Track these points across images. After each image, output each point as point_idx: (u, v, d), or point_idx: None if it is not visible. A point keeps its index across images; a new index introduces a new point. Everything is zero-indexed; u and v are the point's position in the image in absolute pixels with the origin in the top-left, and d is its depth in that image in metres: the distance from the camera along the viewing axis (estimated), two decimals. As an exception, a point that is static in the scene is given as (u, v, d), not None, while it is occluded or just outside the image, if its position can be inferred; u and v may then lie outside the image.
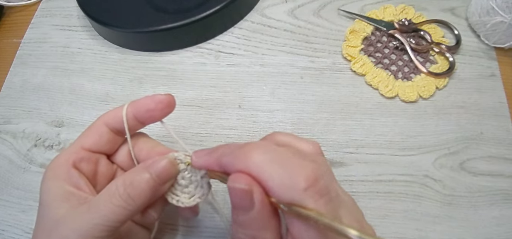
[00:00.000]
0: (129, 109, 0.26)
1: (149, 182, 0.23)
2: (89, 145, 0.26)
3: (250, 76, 0.41)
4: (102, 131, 0.27)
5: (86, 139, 0.26)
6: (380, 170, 0.35)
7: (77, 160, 0.26)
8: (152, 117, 0.26)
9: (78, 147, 0.26)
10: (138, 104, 0.26)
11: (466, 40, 0.41)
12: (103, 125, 0.27)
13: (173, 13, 0.42)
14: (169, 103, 0.26)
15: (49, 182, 0.25)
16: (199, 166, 0.24)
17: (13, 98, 0.43)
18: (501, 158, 0.35)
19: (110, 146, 0.28)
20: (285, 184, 0.19)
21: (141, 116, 0.26)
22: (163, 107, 0.26)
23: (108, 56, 0.44)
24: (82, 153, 0.26)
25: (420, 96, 0.38)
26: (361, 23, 0.42)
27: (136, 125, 0.27)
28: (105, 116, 0.27)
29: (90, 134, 0.27)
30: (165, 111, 0.26)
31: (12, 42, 0.47)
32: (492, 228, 0.32)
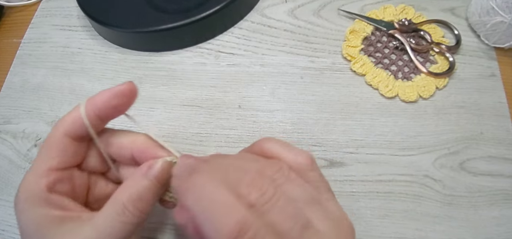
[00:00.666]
0: (89, 108, 0.24)
1: (152, 189, 0.23)
2: (56, 164, 0.24)
3: (250, 76, 0.41)
4: (65, 144, 0.24)
5: (51, 160, 0.24)
6: (380, 170, 0.35)
7: (50, 184, 0.23)
8: (117, 112, 0.24)
9: (45, 170, 0.23)
10: (98, 101, 0.24)
11: (466, 40, 0.41)
12: (63, 136, 0.24)
13: (173, 13, 0.42)
14: (131, 92, 0.24)
15: (29, 213, 0.22)
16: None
17: (13, 98, 0.43)
18: (501, 158, 0.35)
19: (78, 157, 0.25)
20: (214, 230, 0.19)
21: (103, 113, 0.24)
22: (127, 100, 0.24)
23: (108, 56, 0.44)
24: (52, 174, 0.23)
25: (420, 96, 0.38)
26: (361, 23, 0.42)
27: (99, 124, 0.24)
28: (62, 125, 0.24)
29: (53, 151, 0.24)
30: (130, 102, 0.24)
31: (12, 42, 0.47)
32: (492, 228, 0.32)
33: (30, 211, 0.22)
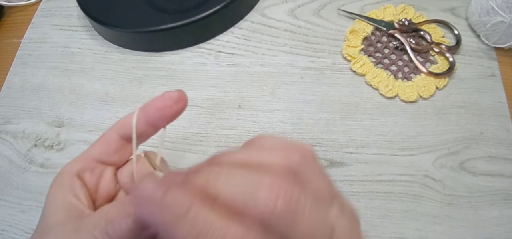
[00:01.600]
0: (140, 113, 0.24)
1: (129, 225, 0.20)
2: (97, 153, 0.25)
3: (250, 76, 0.41)
4: (111, 139, 0.25)
5: (95, 147, 0.25)
6: (380, 170, 0.35)
7: (81, 170, 0.25)
8: (163, 117, 0.24)
9: (86, 156, 0.25)
10: (148, 105, 0.24)
11: (466, 40, 0.41)
12: (113, 132, 0.25)
13: (173, 13, 0.42)
14: (179, 99, 0.24)
15: (53, 189, 0.24)
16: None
17: (13, 98, 0.43)
18: (501, 158, 0.35)
19: (119, 156, 0.26)
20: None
21: (150, 117, 0.24)
22: (172, 105, 0.24)
23: (108, 56, 0.44)
24: (88, 162, 0.25)
25: (420, 96, 0.38)
26: (361, 23, 0.42)
27: (148, 130, 0.24)
28: (117, 123, 0.25)
29: (100, 142, 0.25)
30: (175, 108, 0.24)
31: (12, 42, 0.47)
32: (492, 228, 0.32)
33: (53, 189, 0.24)
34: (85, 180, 0.25)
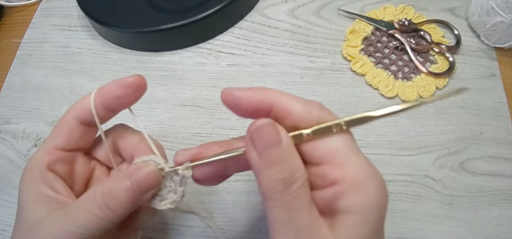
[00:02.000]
0: (97, 98, 0.24)
1: (129, 192, 0.22)
2: (61, 143, 0.25)
3: (250, 76, 0.41)
4: (72, 126, 0.25)
5: (57, 138, 0.25)
6: (380, 170, 0.35)
7: (51, 162, 0.24)
8: (122, 104, 0.24)
9: (50, 147, 0.24)
10: (105, 91, 0.24)
11: (466, 40, 0.41)
12: (72, 119, 0.25)
13: (173, 13, 0.42)
14: (138, 86, 0.24)
15: (26, 184, 0.24)
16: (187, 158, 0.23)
17: (13, 98, 0.43)
18: (501, 158, 0.35)
19: (84, 141, 0.26)
20: (305, 110, 0.21)
21: (109, 104, 0.24)
22: (132, 92, 0.24)
23: (108, 56, 0.44)
24: (56, 153, 0.24)
25: (420, 96, 0.38)
26: (361, 23, 0.42)
27: (107, 114, 0.25)
28: (73, 109, 0.25)
29: (60, 131, 0.25)
30: (135, 95, 0.24)
31: (12, 42, 0.47)
32: (492, 228, 0.32)
33: (28, 183, 0.24)
34: (57, 172, 0.25)
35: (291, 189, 0.19)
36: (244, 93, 0.21)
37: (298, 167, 0.20)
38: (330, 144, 0.20)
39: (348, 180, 0.19)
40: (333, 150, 0.20)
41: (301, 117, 0.21)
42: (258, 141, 0.20)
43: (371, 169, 0.20)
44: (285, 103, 0.21)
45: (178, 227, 0.34)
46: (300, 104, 0.21)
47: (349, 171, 0.20)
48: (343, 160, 0.20)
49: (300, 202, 0.19)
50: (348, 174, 0.19)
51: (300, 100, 0.21)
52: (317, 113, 0.21)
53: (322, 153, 0.20)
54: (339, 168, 0.20)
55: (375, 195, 0.19)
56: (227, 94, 0.22)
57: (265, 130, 0.20)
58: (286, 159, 0.20)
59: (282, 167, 0.19)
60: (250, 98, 0.21)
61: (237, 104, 0.22)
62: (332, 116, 0.21)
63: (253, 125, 0.20)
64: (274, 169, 0.19)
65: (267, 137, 0.20)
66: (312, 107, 0.21)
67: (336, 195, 0.19)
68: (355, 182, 0.19)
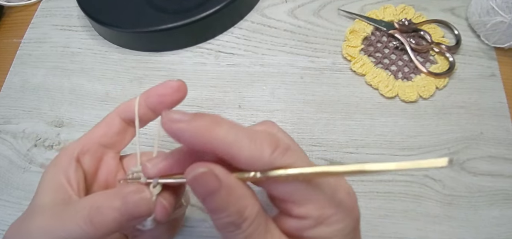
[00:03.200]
0: (142, 98, 0.25)
1: (115, 214, 0.20)
2: (98, 134, 0.26)
3: (250, 76, 0.41)
4: (113, 121, 0.26)
5: (97, 129, 0.26)
6: (380, 170, 0.35)
7: (81, 152, 0.25)
8: (163, 103, 0.25)
9: (87, 137, 0.25)
10: (150, 91, 0.25)
11: (466, 40, 0.41)
12: (115, 115, 0.26)
13: (173, 13, 0.42)
14: (178, 88, 0.24)
15: (50, 168, 0.24)
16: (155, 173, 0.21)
17: (13, 98, 0.43)
18: (501, 158, 0.35)
19: (120, 138, 0.26)
20: (254, 155, 0.19)
21: (151, 102, 0.25)
22: (173, 92, 0.24)
23: (108, 56, 0.44)
24: (89, 144, 0.25)
25: (420, 96, 0.38)
26: (361, 23, 0.42)
27: (148, 114, 0.25)
28: (119, 107, 0.26)
29: (101, 124, 0.26)
30: (175, 96, 0.24)
31: (12, 42, 0.47)
32: (492, 228, 0.32)
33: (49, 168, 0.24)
34: (83, 163, 0.25)
35: (242, 228, 0.19)
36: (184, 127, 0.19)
37: (245, 205, 0.19)
38: (287, 186, 0.19)
39: (312, 216, 0.19)
40: (293, 190, 0.19)
41: (250, 163, 0.19)
42: (197, 190, 0.19)
43: (338, 199, 0.20)
44: (229, 150, 0.19)
45: (178, 227, 0.34)
46: (247, 149, 0.18)
47: (313, 208, 0.19)
48: (306, 197, 0.19)
49: (255, 236, 0.19)
50: (312, 211, 0.19)
51: (247, 142, 0.19)
52: (268, 157, 0.19)
53: (281, 194, 0.20)
54: (301, 206, 0.19)
55: (342, 224, 0.20)
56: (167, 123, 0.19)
57: (202, 179, 0.18)
58: (229, 202, 0.19)
59: (227, 212, 0.19)
60: (190, 138, 0.19)
61: (179, 138, 0.19)
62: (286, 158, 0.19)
63: (189, 173, 0.19)
64: (220, 214, 0.19)
65: (205, 185, 0.18)
66: (262, 150, 0.19)
67: (301, 227, 0.20)
68: (319, 216, 0.19)
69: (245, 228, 0.19)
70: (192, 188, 0.19)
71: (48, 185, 0.23)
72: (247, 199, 0.19)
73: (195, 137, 0.19)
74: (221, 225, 0.19)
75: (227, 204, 0.19)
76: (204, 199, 0.19)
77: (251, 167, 0.19)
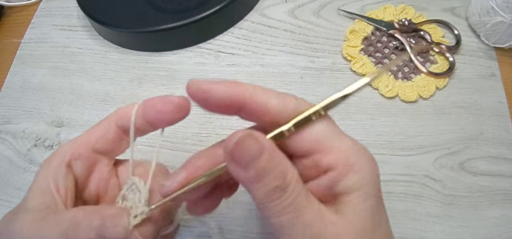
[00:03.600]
0: (141, 108, 0.23)
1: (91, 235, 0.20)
2: (93, 139, 0.24)
3: (250, 76, 0.41)
4: (109, 127, 0.24)
5: (92, 132, 0.24)
6: (380, 170, 0.35)
7: (74, 157, 0.24)
8: (161, 120, 0.23)
9: (82, 141, 0.24)
10: (149, 103, 0.23)
11: (466, 40, 0.41)
12: (111, 121, 0.24)
13: (173, 13, 0.42)
14: (180, 106, 0.22)
15: (42, 169, 0.24)
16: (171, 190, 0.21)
17: (13, 98, 0.43)
18: (501, 158, 0.35)
19: (115, 145, 0.25)
20: (281, 104, 0.20)
21: (149, 116, 0.23)
22: (172, 110, 0.22)
23: (108, 56, 0.44)
24: (82, 149, 0.24)
25: (420, 96, 0.38)
26: (361, 23, 0.42)
27: (145, 126, 0.24)
28: (114, 113, 0.25)
29: (97, 129, 0.25)
30: (176, 115, 0.22)
31: (12, 42, 0.47)
32: (492, 228, 0.32)
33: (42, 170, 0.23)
34: (75, 169, 0.24)
35: (287, 192, 0.19)
36: (213, 86, 0.20)
37: (287, 167, 0.19)
38: (313, 133, 0.20)
39: (340, 163, 0.20)
40: (318, 138, 0.20)
41: (278, 111, 0.20)
42: (240, 157, 0.19)
43: (357, 147, 0.21)
44: (260, 99, 0.20)
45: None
46: (275, 98, 0.20)
47: (339, 155, 0.20)
48: (330, 145, 0.20)
49: (299, 201, 0.19)
50: (339, 158, 0.20)
51: (274, 94, 0.20)
52: (294, 104, 0.20)
53: (308, 144, 0.20)
54: (328, 154, 0.20)
55: (368, 169, 0.20)
56: (195, 87, 0.20)
57: (245, 144, 0.19)
58: (274, 165, 0.19)
59: (273, 175, 0.19)
60: (221, 92, 0.20)
61: (206, 98, 0.20)
62: (307, 104, 0.21)
63: (230, 141, 0.19)
64: (265, 180, 0.19)
65: (248, 150, 0.19)
66: (288, 99, 0.20)
67: (332, 181, 0.20)
68: (347, 164, 0.20)
69: (290, 191, 0.19)
70: (233, 157, 0.19)
71: (37, 187, 0.23)
72: (287, 162, 0.20)
73: (228, 92, 0.20)
74: (266, 192, 0.19)
75: (272, 166, 0.19)
76: (247, 166, 0.19)
77: (279, 117, 0.20)
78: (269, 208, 0.19)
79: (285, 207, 0.19)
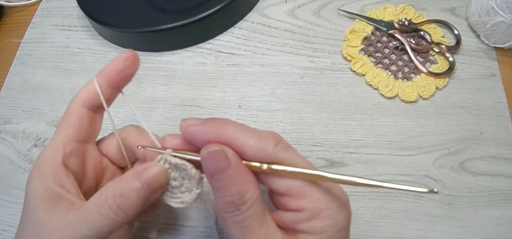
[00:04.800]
0: (100, 79, 0.25)
1: (139, 192, 0.22)
2: (73, 133, 0.25)
3: (250, 76, 0.41)
4: (82, 114, 0.25)
5: (68, 129, 0.25)
6: (380, 170, 0.35)
7: (66, 156, 0.24)
8: (124, 77, 0.26)
9: (64, 140, 0.24)
10: (107, 70, 0.25)
11: (466, 40, 0.41)
12: (79, 107, 0.25)
13: (173, 13, 0.42)
14: (133, 58, 0.25)
15: (35, 182, 0.23)
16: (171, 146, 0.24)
17: (13, 98, 0.43)
18: (501, 158, 0.35)
19: (93, 129, 0.26)
20: (259, 147, 0.21)
21: (113, 80, 0.25)
22: (130, 64, 0.25)
23: (108, 56, 0.44)
24: (69, 146, 0.24)
25: (420, 96, 0.38)
26: (361, 23, 0.42)
27: (112, 93, 0.26)
28: (77, 98, 0.25)
29: (70, 122, 0.25)
30: (133, 68, 0.26)
31: (12, 42, 0.47)
32: (492, 228, 0.32)
33: (37, 181, 0.23)
34: (71, 166, 0.24)
35: (241, 210, 0.21)
36: (199, 129, 0.22)
37: (246, 189, 0.21)
38: (287, 183, 0.21)
39: (307, 209, 0.21)
40: (290, 185, 0.21)
41: (254, 153, 0.21)
42: (208, 166, 0.21)
43: (331, 197, 0.21)
44: (237, 142, 0.21)
45: (178, 227, 0.34)
46: (253, 140, 0.21)
47: (308, 202, 0.21)
48: (302, 192, 0.21)
49: (251, 220, 0.21)
50: (307, 204, 0.21)
51: (253, 136, 0.21)
52: (271, 149, 0.21)
53: (281, 186, 0.22)
54: (297, 199, 0.21)
55: (334, 219, 0.21)
56: (184, 129, 0.23)
57: (214, 156, 0.21)
58: (234, 183, 0.21)
59: (231, 191, 0.20)
60: (204, 136, 0.22)
61: (193, 139, 0.23)
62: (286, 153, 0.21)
63: (204, 149, 0.21)
64: (223, 193, 0.21)
65: (215, 162, 0.21)
66: (267, 142, 0.21)
67: (296, 219, 0.21)
68: (313, 209, 0.21)
69: (243, 210, 0.21)
70: (204, 164, 0.21)
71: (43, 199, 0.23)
72: (250, 184, 0.21)
73: (208, 135, 0.22)
74: (223, 204, 0.21)
75: (232, 183, 0.21)
76: (212, 176, 0.21)
77: (256, 158, 0.21)
78: (224, 218, 0.21)
79: (236, 222, 0.21)
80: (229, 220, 0.21)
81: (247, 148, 0.21)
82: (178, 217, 0.34)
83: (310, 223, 0.21)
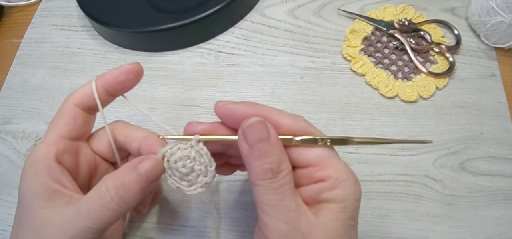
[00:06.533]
0: (99, 84, 0.26)
1: (139, 183, 0.23)
2: (66, 131, 0.25)
3: (250, 76, 0.41)
4: (76, 113, 0.26)
5: (63, 126, 0.25)
6: (380, 170, 0.35)
7: (59, 152, 0.24)
8: (123, 88, 0.26)
9: (57, 137, 0.25)
10: (108, 77, 0.26)
11: (466, 40, 0.41)
12: (74, 106, 0.26)
13: (173, 13, 0.42)
14: (138, 72, 0.26)
15: (29, 179, 0.23)
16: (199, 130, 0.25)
17: (13, 98, 0.43)
18: (501, 158, 0.35)
19: (86, 128, 0.27)
20: (292, 122, 0.24)
21: (112, 89, 0.26)
22: (133, 77, 0.26)
23: (108, 56, 0.44)
24: (62, 143, 0.25)
25: (420, 96, 0.38)
26: (361, 23, 0.42)
27: (107, 99, 0.26)
28: (72, 97, 0.26)
29: (64, 120, 0.25)
30: (135, 81, 0.26)
31: (12, 42, 0.47)
32: (492, 228, 0.32)
33: (32, 178, 0.24)
34: (65, 163, 0.25)
35: (278, 177, 0.22)
36: (237, 106, 0.24)
37: (284, 159, 0.23)
38: (315, 153, 0.24)
39: (331, 178, 0.23)
40: (318, 156, 0.23)
41: (289, 127, 0.24)
42: (249, 136, 0.22)
43: (349, 170, 0.24)
44: (274, 117, 0.24)
45: (178, 227, 0.34)
46: (287, 117, 0.24)
47: (332, 171, 0.23)
48: (327, 163, 0.23)
49: (286, 188, 0.22)
50: (331, 173, 0.23)
51: (286, 114, 0.24)
52: (303, 124, 0.24)
53: (309, 158, 0.24)
54: (323, 169, 0.23)
55: (352, 189, 0.23)
56: (221, 106, 0.24)
57: (256, 127, 0.22)
58: (273, 151, 0.22)
59: (270, 159, 0.22)
60: (243, 111, 0.24)
61: (230, 115, 0.24)
62: (314, 129, 0.24)
63: (245, 121, 0.23)
64: (263, 160, 0.22)
65: (257, 132, 0.22)
66: (298, 119, 0.24)
67: (321, 189, 0.23)
68: (336, 179, 0.23)
69: (280, 177, 0.22)
70: (245, 134, 0.23)
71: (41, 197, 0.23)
72: (285, 156, 0.23)
73: (246, 110, 0.23)
74: (261, 171, 0.22)
75: (271, 152, 0.22)
76: (253, 144, 0.22)
77: (289, 132, 0.24)
78: (261, 185, 0.22)
79: (273, 188, 0.22)
80: (266, 187, 0.22)
81: (282, 122, 0.24)
82: (178, 217, 0.34)
83: (334, 192, 0.23)
